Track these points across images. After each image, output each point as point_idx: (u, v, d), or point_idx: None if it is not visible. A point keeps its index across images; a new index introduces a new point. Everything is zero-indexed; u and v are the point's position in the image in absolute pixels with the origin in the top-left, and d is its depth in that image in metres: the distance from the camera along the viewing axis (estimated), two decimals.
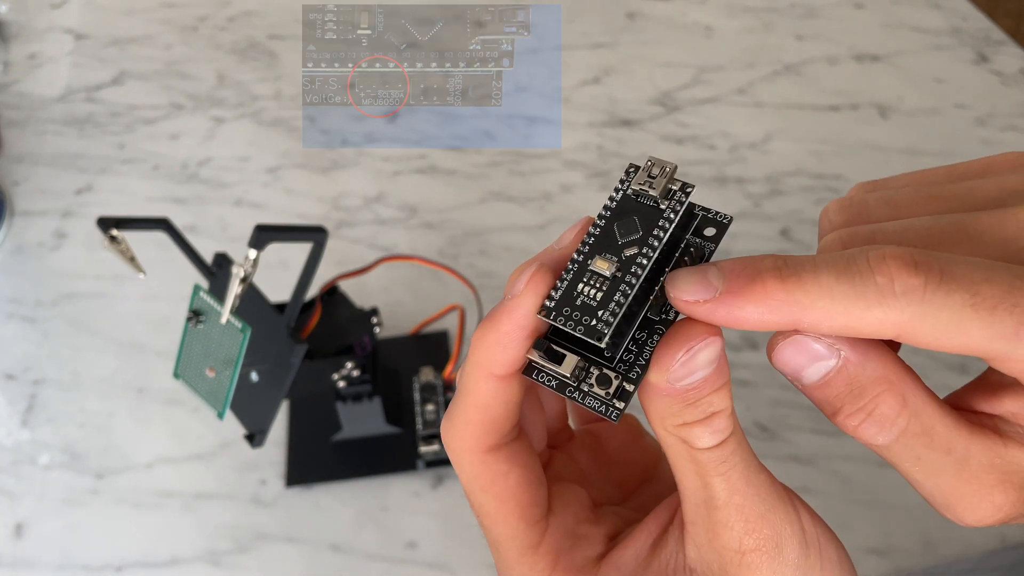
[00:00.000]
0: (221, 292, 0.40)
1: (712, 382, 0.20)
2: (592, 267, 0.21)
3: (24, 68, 0.75)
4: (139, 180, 0.65)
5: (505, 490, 0.23)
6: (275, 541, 0.46)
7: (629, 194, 0.22)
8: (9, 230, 0.62)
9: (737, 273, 0.20)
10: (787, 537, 0.22)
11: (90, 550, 0.46)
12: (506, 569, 0.24)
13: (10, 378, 0.53)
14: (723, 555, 0.22)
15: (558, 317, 0.21)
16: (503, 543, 0.24)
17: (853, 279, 0.19)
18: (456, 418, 0.23)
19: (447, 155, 0.65)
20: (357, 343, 0.44)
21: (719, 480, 0.21)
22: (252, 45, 0.76)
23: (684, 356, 0.20)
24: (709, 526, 0.22)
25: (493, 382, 0.22)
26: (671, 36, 0.75)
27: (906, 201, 0.24)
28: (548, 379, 0.22)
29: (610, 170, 0.64)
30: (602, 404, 0.21)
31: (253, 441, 0.43)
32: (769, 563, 0.22)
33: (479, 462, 0.23)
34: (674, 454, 0.22)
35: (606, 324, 0.20)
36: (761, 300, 0.19)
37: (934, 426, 0.21)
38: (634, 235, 0.21)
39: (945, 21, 0.75)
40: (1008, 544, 0.44)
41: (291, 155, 0.66)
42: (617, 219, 0.22)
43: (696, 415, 0.21)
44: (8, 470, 0.49)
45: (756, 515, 0.21)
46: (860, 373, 0.21)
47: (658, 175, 0.22)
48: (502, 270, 0.57)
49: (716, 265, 0.20)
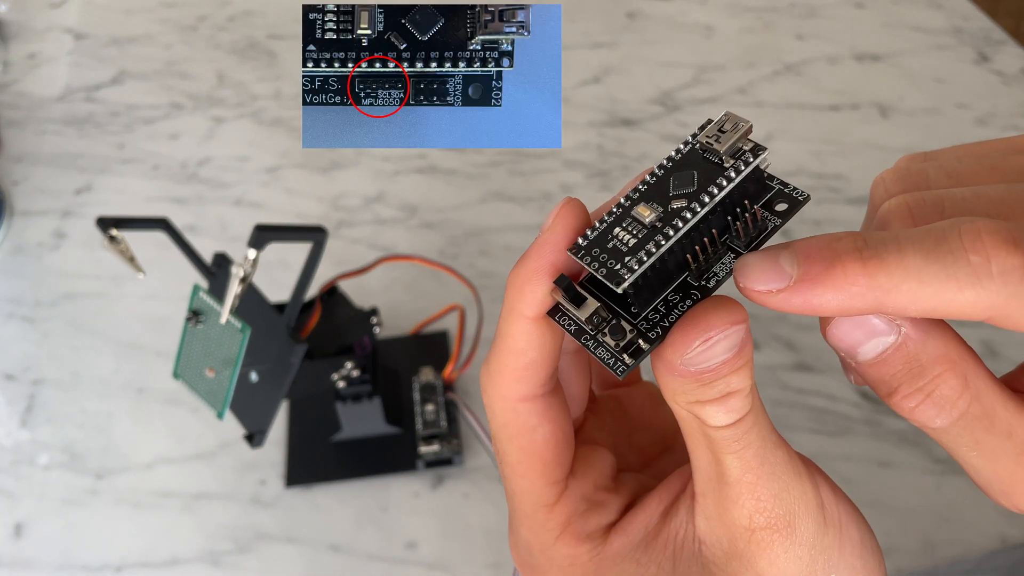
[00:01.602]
0: (221, 292, 0.40)
1: (731, 364, 0.19)
2: (634, 212, 0.20)
3: (24, 68, 0.75)
4: (139, 180, 0.65)
5: (531, 443, 0.22)
6: (275, 541, 0.46)
7: (697, 148, 0.21)
8: (9, 230, 0.62)
9: (813, 257, 0.18)
10: (801, 516, 0.21)
11: (90, 550, 0.46)
12: (516, 522, 0.24)
13: (10, 378, 0.53)
14: (732, 530, 0.21)
15: (584, 256, 0.20)
16: (518, 495, 0.23)
17: (944, 259, 0.17)
18: (492, 363, 0.22)
19: (447, 155, 0.65)
20: (357, 343, 0.44)
21: (732, 458, 0.20)
22: (252, 45, 0.75)
23: (701, 346, 0.19)
24: (719, 500, 0.21)
25: (525, 324, 0.21)
26: (671, 36, 0.74)
27: (968, 171, 0.22)
28: (568, 323, 0.20)
29: (610, 170, 0.64)
30: (611, 356, 0.20)
31: (253, 441, 0.43)
32: (781, 541, 0.21)
33: (510, 410, 0.22)
34: (687, 427, 0.21)
35: (629, 270, 0.19)
36: (842, 286, 0.18)
37: (995, 409, 0.20)
38: (687, 188, 0.20)
39: (946, 21, 0.75)
40: (1008, 544, 0.44)
41: (291, 155, 0.66)
42: (676, 171, 0.20)
43: (711, 394, 0.19)
44: (8, 470, 0.49)
45: (768, 494, 0.21)
46: (921, 351, 0.19)
47: (729, 131, 0.20)
48: (502, 270, 0.57)
49: (788, 248, 0.19)
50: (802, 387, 0.51)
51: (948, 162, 0.23)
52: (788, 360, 0.52)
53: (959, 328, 0.21)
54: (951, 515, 0.46)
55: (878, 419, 0.49)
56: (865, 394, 0.50)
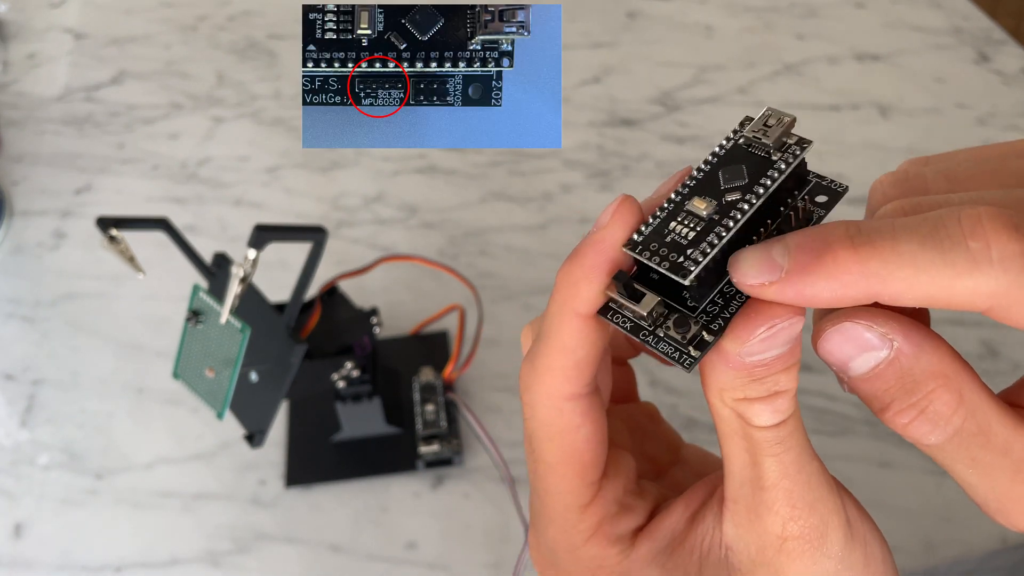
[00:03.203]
0: (220, 292, 0.40)
1: (784, 360, 0.19)
2: (689, 207, 0.20)
3: (23, 68, 0.75)
4: (138, 180, 0.65)
5: (572, 443, 0.22)
6: (275, 541, 0.46)
7: (740, 143, 0.21)
8: (8, 230, 0.62)
9: (804, 247, 0.18)
10: (833, 528, 0.21)
11: (89, 550, 0.46)
12: (545, 521, 0.23)
13: (9, 378, 0.53)
14: (763, 538, 0.21)
15: (644, 251, 0.20)
16: (552, 496, 0.23)
17: (941, 244, 0.17)
18: (538, 361, 0.22)
19: (447, 155, 0.65)
20: (357, 343, 0.44)
21: (772, 461, 0.20)
22: (252, 45, 0.75)
23: (765, 332, 0.19)
24: (752, 506, 0.21)
25: (578, 322, 0.21)
26: (671, 36, 0.74)
27: (967, 175, 0.22)
28: (623, 320, 0.20)
29: (610, 170, 0.64)
30: (676, 350, 0.20)
31: (253, 441, 0.43)
32: (811, 553, 0.21)
33: (555, 408, 0.22)
34: (726, 428, 0.21)
35: (693, 262, 0.19)
36: (833, 274, 0.18)
37: (991, 425, 0.19)
38: (739, 181, 0.20)
39: (946, 20, 0.75)
40: (1009, 545, 0.44)
41: (291, 155, 0.66)
42: (723, 166, 0.21)
43: (759, 392, 0.19)
44: (7, 470, 0.49)
45: (804, 503, 0.21)
46: (914, 365, 0.19)
47: (774, 125, 0.21)
48: (502, 270, 0.57)
49: (781, 240, 0.19)
50: (802, 387, 0.50)
51: (947, 166, 0.23)
52: None
53: (960, 328, 0.21)
54: (951, 515, 0.46)
55: (878, 419, 0.49)
56: None
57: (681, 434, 0.51)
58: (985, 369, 0.51)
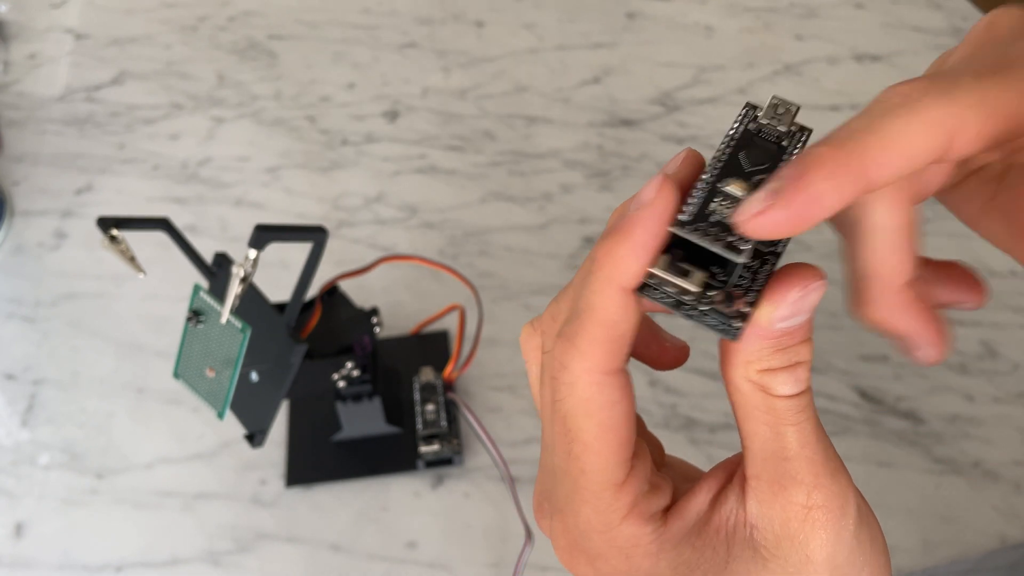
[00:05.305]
0: (221, 292, 0.40)
1: (804, 331, 0.21)
2: (725, 188, 0.21)
3: (24, 68, 0.75)
4: (139, 180, 0.65)
5: (611, 419, 0.22)
6: (275, 541, 0.46)
7: (751, 128, 0.22)
8: (9, 230, 0.62)
9: (792, 165, 0.20)
10: (850, 501, 0.22)
11: (90, 550, 0.46)
12: (578, 504, 0.24)
13: (10, 378, 0.53)
14: (787, 509, 0.22)
15: (695, 231, 0.21)
16: (588, 474, 0.23)
17: (876, 111, 0.20)
18: (579, 337, 0.22)
19: (447, 155, 0.65)
20: (357, 343, 0.44)
21: (793, 430, 0.21)
22: (252, 45, 0.76)
23: (799, 293, 0.20)
24: (776, 478, 0.22)
25: (622, 296, 0.21)
26: (671, 36, 0.75)
27: None
28: (663, 296, 0.21)
29: (610, 170, 0.64)
30: (721, 322, 0.21)
31: (253, 441, 0.43)
32: (834, 524, 0.22)
33: (595, 383, 0.22)
34: (748, 404, 0.22)
35: (744, 241, 0.20)
36: (823, 170, 0.19)
37: None
38: (764, 164, 0.22)
39: (945, 21, 0.75)
40: (1008, 544, 0.45)
41: (291, 155, 0.66)
42: (741, 150, 0.22)
43: (783, 361, 0.21)
44: (8, 470, 0.49)
45: (826, 471, 0.22)
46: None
47: (784, 114, 0.22)
48: (502, 270, 0.57)
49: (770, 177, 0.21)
50: None
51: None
52: None
53: (960, 328, 0.21)
54: (950, 515, 0.46)
55: (878, 419, 0.49)
56: (865, 394, 0.50)
57: (681, 434, 0.52)
58: (985, 369, 0.51)
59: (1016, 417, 0.49)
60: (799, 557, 0.22)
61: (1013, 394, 0.50)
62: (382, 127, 0.68)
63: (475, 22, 0.76)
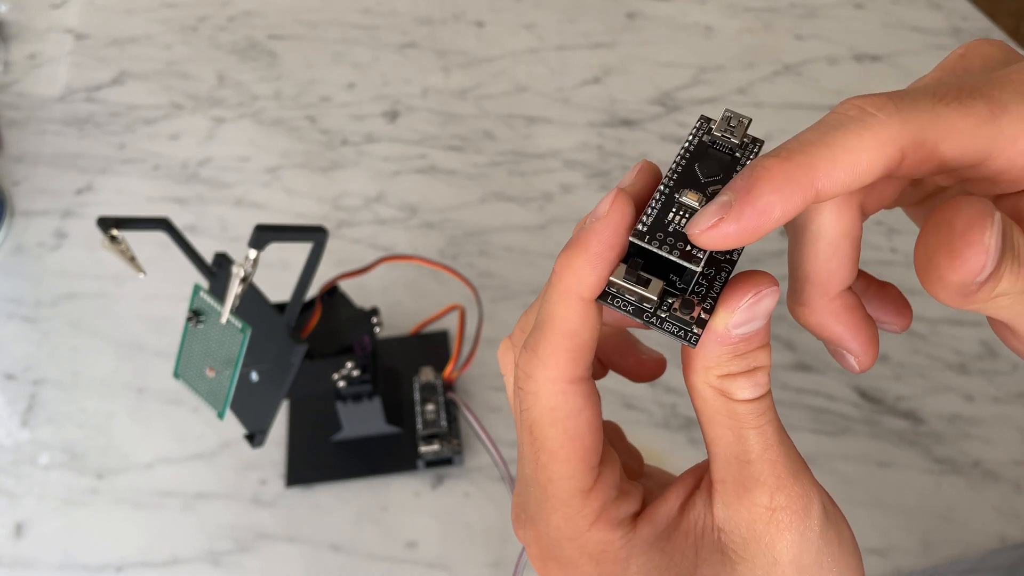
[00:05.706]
0: (221, 292, 0.40)
1: (761, 337, 0.22)
2: (681, 199, 0.22)
3: (24, 68, 0.75)
4: (139, 180, 0.65)
5: (576, 427, 0.23)
6: (275, 541, 0.46)
7: (705, 140, 0.23)
8: (9, 230, 0.62)
9: (741, 177, 0.20)
10: (814, 501, 0.22)
11: (90, 550, 0.46)
12: (548, 510, 0.24)
13: (10, 378, 0.53)
14: (752, 512, 0.22)
15: (652, 241, 0.21)
16: (555, 482, 0.23)
17: (829, 123, 0.20)
18: (540, 347, 0.23)
19: (447, 155, 0.65)
20: (357, 343, 0.44)
21: (754, 434, 0.22)
22: (252, 45, 0.76)
23: (751, 299, 0.21)
24: (740, 481, 0.22)
25: (582, 306, 0.22)
26: (671, 36, 0.75)
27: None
28: (624, 304, 0.22)
29: (610, 170, 0.64)
30: (681, 328, 0.22)
31: (253, 441, 0.43)
32: (798, 524, 0.22)
33: (559, 392, 0.23)
34: (710, 409, 0.22)
35: (701, 250, 0.21)
36: (773, 183, 0.20)
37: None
38: (718, 175, 0.22)
39: (945, 21, 0.75)
40: (1008, 544, 0.45)
41: (291, 155, 0.66)
42: (696, 161, 0.23)
43: (741, 367, 0.22)
44: (8, 470, 0.49)
45: (788, 472, 0.22)
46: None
47: (736, 126, 0.23)
48: (502, 270, 0.57)
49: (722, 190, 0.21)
50: (802, 387, 0.51)
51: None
52: (788, 360, 0.52)
53: (960, 328, 0.21)
54: (950, 515, 0.46)
55: (878, 419, 0.49)
56: (865, 394, 0.50)
57: (681, 434, 0.52)
58: (985, 369, 0.51)
59: (1016, 417, 0.49)
60: (766, 559, 0.22)
61: (1013, 394, 0.50)
62: (382, 127, 0.68)
63: (475, 22, 0.76)
